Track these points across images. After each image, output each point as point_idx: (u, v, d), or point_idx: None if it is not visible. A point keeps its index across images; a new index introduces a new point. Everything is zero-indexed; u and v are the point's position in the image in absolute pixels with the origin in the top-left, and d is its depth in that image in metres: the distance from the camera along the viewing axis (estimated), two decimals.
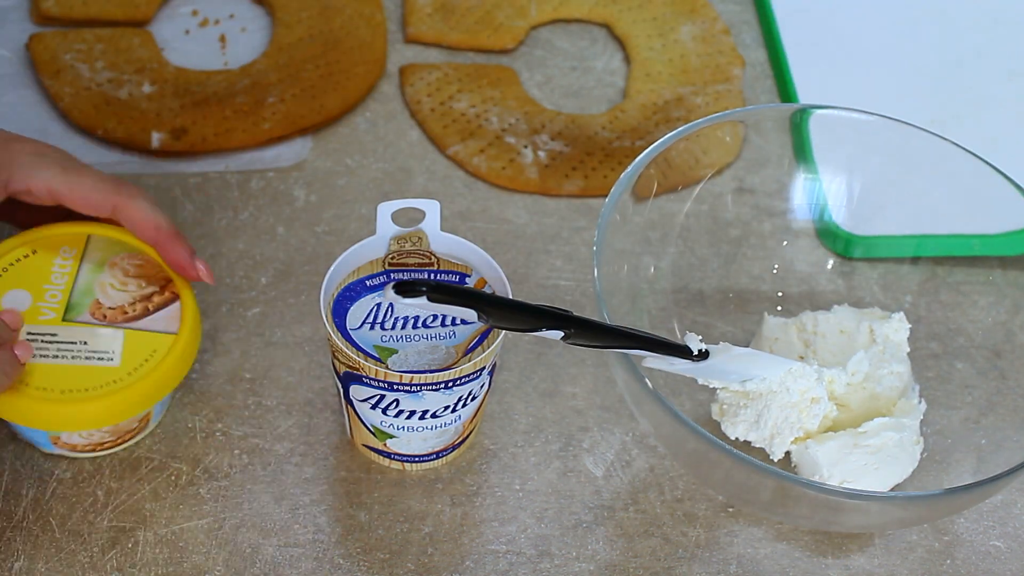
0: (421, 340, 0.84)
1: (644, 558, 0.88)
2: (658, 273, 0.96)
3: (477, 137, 1.09)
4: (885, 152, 0.97)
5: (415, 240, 0.86)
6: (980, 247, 0.98)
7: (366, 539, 0.87)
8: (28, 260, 0.87)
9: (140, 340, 0.85)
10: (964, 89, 1.17)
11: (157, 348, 0.85)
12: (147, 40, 1.12)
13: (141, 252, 0.88)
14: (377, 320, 0.84)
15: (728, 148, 1.03)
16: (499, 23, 1.17)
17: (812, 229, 1.01)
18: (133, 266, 0.88)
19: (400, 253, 0.86)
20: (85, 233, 0.89)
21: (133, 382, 0.83)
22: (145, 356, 0.84)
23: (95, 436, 0.87)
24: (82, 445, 0.87)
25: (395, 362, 0.83)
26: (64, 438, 0.86)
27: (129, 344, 0.84)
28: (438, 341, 0.84)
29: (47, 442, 0.87)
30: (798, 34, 1.18)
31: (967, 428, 0.92)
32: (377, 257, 0.86)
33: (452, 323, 0.84)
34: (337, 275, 0.85)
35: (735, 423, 0.88)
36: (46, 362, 0.83)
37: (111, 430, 0.87)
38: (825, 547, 0.89)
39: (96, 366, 0.83)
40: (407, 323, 0.84)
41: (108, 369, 0.83)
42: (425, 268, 0.86)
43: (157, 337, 0.85)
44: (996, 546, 0.90)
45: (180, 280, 0.88)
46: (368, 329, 0.84)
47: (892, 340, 0.93)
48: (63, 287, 0.86)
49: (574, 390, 0.95)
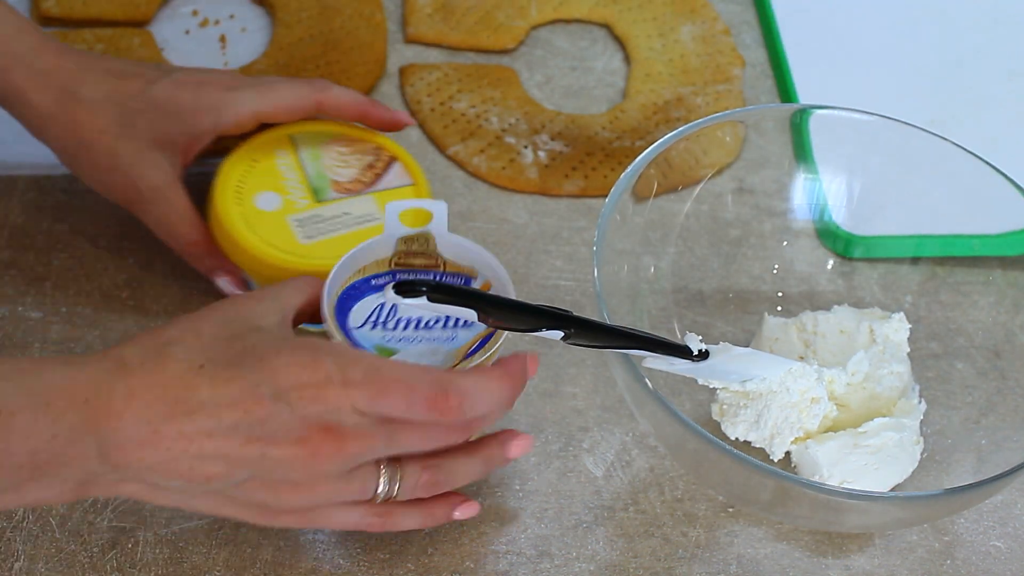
0: (422, 343, 0.83)
1: (644, 558, 0.87)
2: (658, 273, 0.96)
3: (477, 137, 1.09)
4: (885, 152, 0.97)
5: (423, 241, 0.86)
6: (980, 247, 0.97)
7: (366, 539, 0.86)
8: (255, 168, 0.94)
9: (388, 198, 0.92)
10: (964, 89, 1.17)
11: (405, 198, 0.93)
12: (147, 40, 1.12)
13: (340, 134, 0.96)
14: (380, 320, 0.84)
15: (728, 148, 1.03)
16: (499, 23, 1.17)
17: (812, 229, 1.01)
18: (342, 145, 0.96)
19: (407, 254, 0.86)
20: (285, 134, 0.96)
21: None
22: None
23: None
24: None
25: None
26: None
27: (382, 203, 0.93)
28: (439, 344, 0.83)
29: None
30: (798, 34, 1.18)
31: (967, 428, 0.92)
32: (384, 257, 0.86)
33: (454, 326, 0.84)
34: (343, 272, 0.85)
35: (735, 423, 0.88)
36: (326, 238, 0.91)
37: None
38: (825, 547, 0.89)
39: (368, 227, 0.92)
40: (409, 324, 0.84)
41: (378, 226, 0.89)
42: (431, 269, 0.86)
43: (400, 192, 0.94)
44: (996, 546, 0.90)
45: (387, 141, 0.96)
46: (370, 329, 0.83)
47: (892, 340, 0.93)
48: (298, 180, 0.94)
49: (574, 390, 0.95)
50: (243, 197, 0.92)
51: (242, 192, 0.92)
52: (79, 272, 0.97)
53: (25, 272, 0.97)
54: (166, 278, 0.97)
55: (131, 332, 0.94)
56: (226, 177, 0.93)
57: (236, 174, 0.93)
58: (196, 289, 0.96)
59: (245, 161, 0.94)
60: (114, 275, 0.97)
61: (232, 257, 0.92)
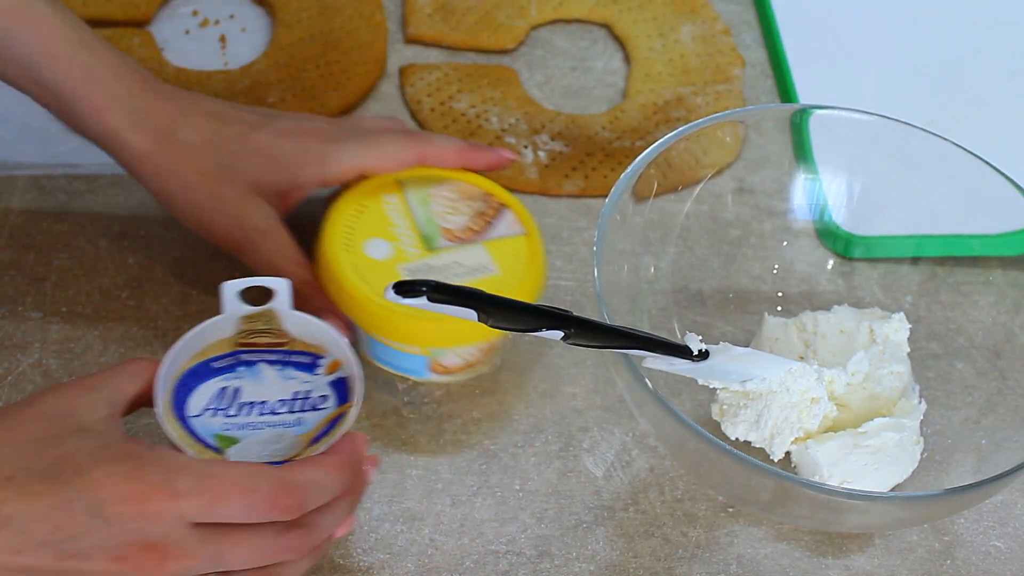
0: (266, 428, 0.79)
1: (644, 558, 0.87)
2: (658, 273, 0.96)
3: (477, 137, 1.09)
4: (885, 152, 0.97)
5: (266, 319, 0.83)
6: (980, 247, 0.97)
7: (366, 539, 0.86)
8: (364, 213, 0.92)
9: (501, 247, 0.91)
10: (964, 89, 1.17)
11: (519, 249, 0.91)
12: (147, 40, 1.12)
13: (448, 179, 0.94)
14: (221, 407, 0.79)
15: (728, 148, 1.03)
16: (499, 23, 1.17)
17: (812, 229, 1.01)
18: (450, 192, 0.93)
19: (251, 332, 0.83)
20: (393, 179, 0.93)
21: (517, 283, 0.89)
22: (512, 258, 0.90)
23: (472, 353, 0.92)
24: (456, 366, 0.92)
25: (235, 453, 0.77)
26: (444, 360, 0.91)
27: (494, 253, 0.90)
28: (284, 430, 0.79)
29: (424, 369, 0.91)
30: (798, 34, 1.18)
31: (967, 428, 0.92)
32: (226, 337, 0.82)
33: (300, 410, 0.80)
34: (180, 356, 0.80)
35: (735, 423, 0.88)
36: None
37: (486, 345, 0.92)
38: (825, 547, 0.89)
39: (480, 279, 0.89)
40: (253, 409, 0.80)
41: (493, 278, 0.89)
42: (278, 348, 0.82)
43: (512, 241, 0.91)
44: (996, 546, 0.90)
45: (495, 186, 0.94)
46: (210, 416, 0.79)
47: (892, 340, 0.92)
48: (408, 226, 0.91)
49: (574, 390, 0.95)
50: (352, 244, 0.90)
51: (351, 239, 0.90)
52: (79, 272, 0.97)
53: (25, 272, 0.97)
54: (166, 278, 0.97)
55: (131, 332, 0.94)
56: (335, 222, 0.91)
57: (345, 220, 0.91)
58: (196, 290, 0.96)
59: (353, 206, 0.92)
60: (114, 275, 0.97)
61: (340, 304, 0.89)
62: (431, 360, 0.90)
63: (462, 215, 0.92)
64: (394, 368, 0.92)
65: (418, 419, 0.93)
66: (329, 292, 0.89)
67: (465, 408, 0.93)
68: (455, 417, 0.93)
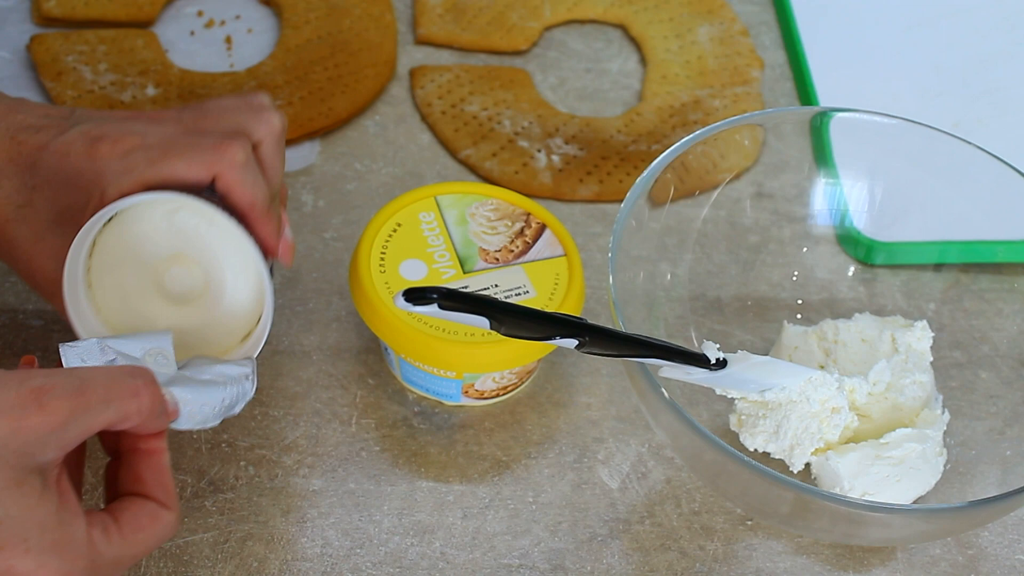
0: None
1: (661, 572, 0.87)
2: (675, 280, 0.96)
3: (489, 140, 1.08)
4: (907, 156, 0.96)
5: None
6: (1005, 253, 0.97)
7: (375, 553, 0.86)
8: (399, 233, 0.92)
9: (539, 270, 0.91)
10: (988, 91, 1.16)
11: (558, 272, 0.91)
12: (151, 41, 1.11)
13: (489, 197, 0.94)
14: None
15: (747, 152, 1.02)
16: (512, 24, 1.16)
17: (833, 235, 1.01)
18: (489, 211, 0.93)
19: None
20: (431, 195, 0.94)
21: (555, 307, 0.89)
22: (553, 281, 0.90)
23: (507, 377, 0.91)
24: (491, 391, 0.92)
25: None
26: (478, 384, 0.91)
27: (532, 275, 0.91)
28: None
29: (457, 393, 0.91)
30: (818, 35, 1.18)
31: (991, 439, 0.91)
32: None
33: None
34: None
35: (754, 434, 0.87)
36: None
37: (521, 370, 0.91)
38: (846, 561, 0.89)
39: (519, 302, 0.88)
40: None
41: (530, 301, 0.89)
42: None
43: (551, 263, 0.91)
44: (1022, 560, 0.90)
45: (536, 206, 0.94)
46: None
47: (915, 349, 0.92)
48: (444, 247, 0.91)
49: (588, 400, 0.95)
50: (388, 265, 0.90)
51: (386, 259, 0.90)
52: None
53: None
54: None
55: None
56: (369, 242, 0.91)
57: (380, 239, 0.91)
58: None
59: (389, 224, 0.92)
60: None
61: (372, 326, 0.89)
62: (465, 384, 0.90)
63: (500, 235, 0.92)
64: (427, 392, 0.92)
65: (428, 430, 0.92)
66: (362, 313, 0.90)
67: (476, 418, 0.93)
68: (466, 428, 0.92)
